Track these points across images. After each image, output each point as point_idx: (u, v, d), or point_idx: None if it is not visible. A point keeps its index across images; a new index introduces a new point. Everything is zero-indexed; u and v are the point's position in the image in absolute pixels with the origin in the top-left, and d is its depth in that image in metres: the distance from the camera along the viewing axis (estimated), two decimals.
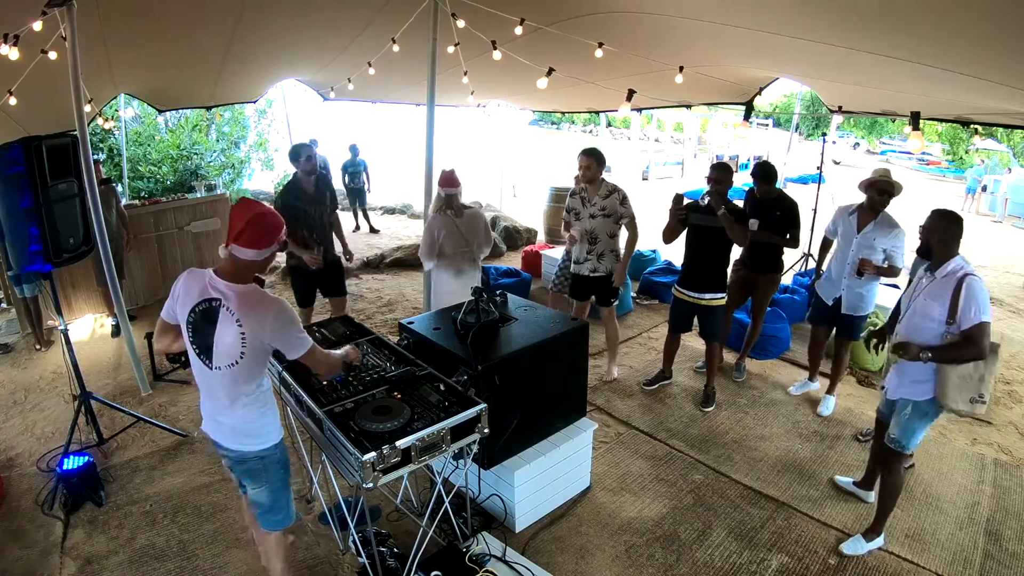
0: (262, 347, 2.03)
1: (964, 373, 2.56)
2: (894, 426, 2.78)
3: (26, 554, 2.84)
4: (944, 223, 2.62)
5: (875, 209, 3.72)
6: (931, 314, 2.60)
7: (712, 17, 3.59)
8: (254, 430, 2.15)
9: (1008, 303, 7.10)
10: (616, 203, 4.08)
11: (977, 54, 2.85)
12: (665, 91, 5.29)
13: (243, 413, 2.12)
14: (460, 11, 4.18)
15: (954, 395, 2.58)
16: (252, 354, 2.02)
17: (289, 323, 2.03)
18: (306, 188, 4.23)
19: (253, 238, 1.97)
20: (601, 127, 18.49)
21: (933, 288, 2.63)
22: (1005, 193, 13.74)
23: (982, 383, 2.56)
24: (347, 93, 7.59)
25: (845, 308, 3.88)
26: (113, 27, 4.28)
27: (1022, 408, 4.38)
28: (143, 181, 10.18)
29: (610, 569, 2.78)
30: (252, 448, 2.16)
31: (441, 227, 3.99)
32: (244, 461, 2.20)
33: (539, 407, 2.96)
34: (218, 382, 2.07)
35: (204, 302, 2.01)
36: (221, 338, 2.00)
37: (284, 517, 2.31)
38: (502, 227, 8.85)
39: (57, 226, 3.21)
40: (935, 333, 2.59)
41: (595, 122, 25.46)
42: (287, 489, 2.31)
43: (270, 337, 2.01)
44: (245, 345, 1.99)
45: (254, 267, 2.05)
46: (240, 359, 2.02)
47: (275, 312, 2.00)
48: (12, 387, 4.53)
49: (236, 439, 2.16)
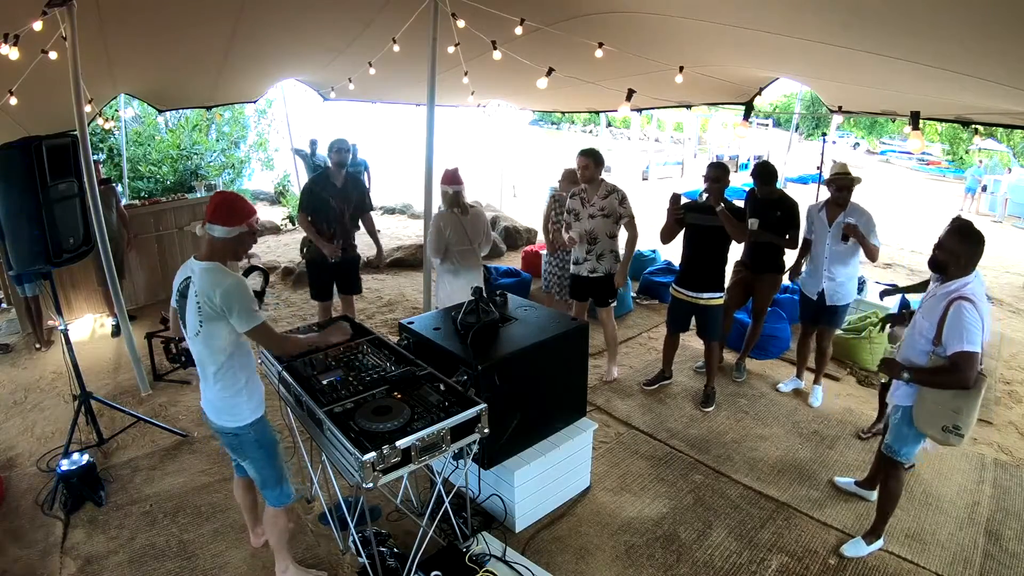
0: (216, 316, 2.17)
1: (938, 399, 2.47)
2: (888, 432, 2.79)
3: (26, 554, 2.84)
4: (954, 240, 2.49)
5: (839, 204, 3.86)
6: (922, 331, 2.55)
7: (712, 17, 3.59)
8: (227, 408, 2.31)
9: (1008, 303, 7.10)
10: (615, 203, 4.08)
11: (977, 54, 2.85)
12: (665, 91, 5.29)
13: (217, 388, 2.29)
14: (460, 11, 4.18)
15: (926, 419, 2.53)
16: (209, 322, 2.18)
17: (240, 295, 2.17)
18: (335, 181, 4.34)
19: (224, 215, 2.19)
20: (601, 127, 18.50)
21: (929, 304, 2.56)
22: (1005, 193, 13.73)
23: (958, 415, 2.44)
24: (347, 93, 7.59)
25: (829, 299, 3.97)
26: (113, 27, 4.28)
27: (1022, 408, 4.38)
28: (143, 181, 10.18)
29: (610, 569, 2.78)
30: (226, 424, 2.34)
31: (448, 224, 4.04)
32: (223, 434, 2.40)
33: (539, 407, 2.96)
34: (195, 354, 2.30)
35: (183, 282, 2.27)
36: (189, 310, 2.23)
37: (279, 494, 2.46)
38: (502, 227, 8.85)
39: (57, 226, 3.21)
40: (922, 351, 2.55)
41: (595, 122, 25.46)
42: (272, 469, 2.43)
43: (220, 304, 2.14)
44: (201, 312, 2.18)
45: (227, 246, 2.23)
46: (200, 326, 2.20)
47: (228, 283, 2.16)
48: (12, 387, 4.53)
49: (214, 412, 2.35)
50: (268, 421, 2.43)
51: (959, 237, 2.50)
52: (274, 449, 2.43)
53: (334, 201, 4.31)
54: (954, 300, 2.41)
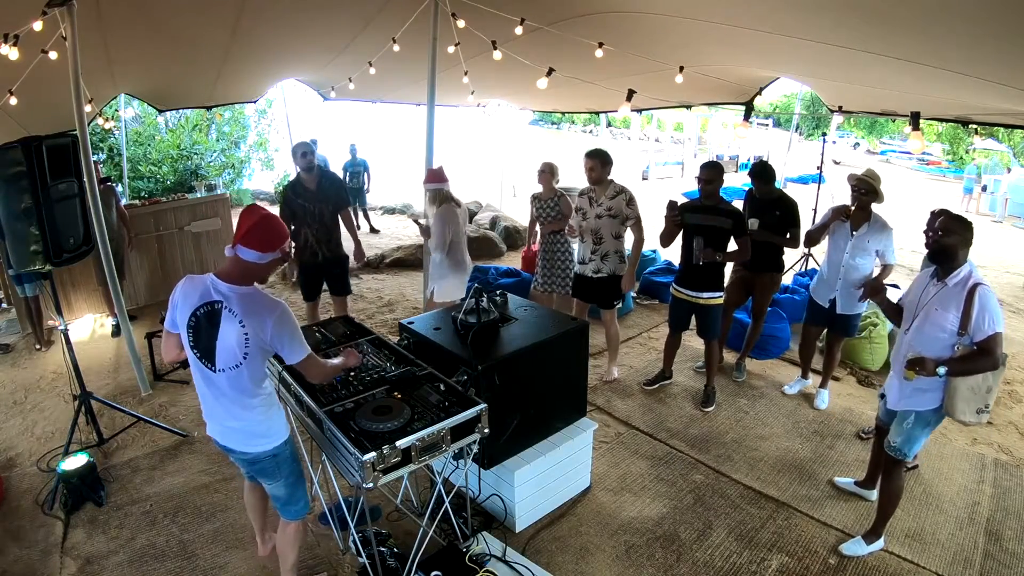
0: (263, 348, 2.04)
1: (974, 384, 2.51)
2: (895, 434, 2.74)
3: (26, 554, 2.84)
4: (956, 224, 2.51)
5: (864, 208, 3.73)
6: (943, 324, 2.52)
7: (712, 17, 3.59)
8: (264, 431, 2.17)
9: (1008, 303, 7.11)
10: (623, 204, 4.08)
11: (976, 53, 2.85)
12: (665, 91, 5.28)
13: (251, 415, 2.13)
14: (460, 11, 4.18)
15: (963, 407, 2.54)
16: (254, 355, 2.04)
17: (291, 326, 2.04)
18: (307, 185, 4.31)
19: (258, 240, 1.99)
20: (601, 127, 18.46)
21: (944, 296, 2.54)
22: (1005, 193, 13.72)
23: (989, 394, 2.53)
24: (347, 93, 7.58)
25: (841, 308, 3.89)
26: (113, 27, 4.28)
27: (1022, 408, 4.37)
28: (143, 181, 10.19)
29: (610, 569, 2.78)
30: (264, 448, 2.19)
31: (451, 218, 4.17)
32: (257, 462, 2.22)
33: (539, 407, 2.96)
34: (224, 385, 2.07)
35: (206, 305, 2.01)
36: (224, 340, 2.01)
37: (304, 506, 2.37)
38: (502, 227, 8.85)
39: (57, 226, 3.21)
40: (946, 344, 2.53)
41: (595, 122, 25.44)
42: (302, 480, 2.36)
43: (271, 338, 2.01)
44: (248, 345, 2.00)
45: (256, 271, 2.05)
46: (243, 360, 2.03)
47: (278, 314, 2.01)
48: (12, 387, 4.53)
49: (247, 441, 2.18)
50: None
51: (958, 221, 2.53)
52: (299, 462, 2.36)
53: (310, 205, 4.28)
54: (975, 287, 2.45)
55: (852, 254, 3.76)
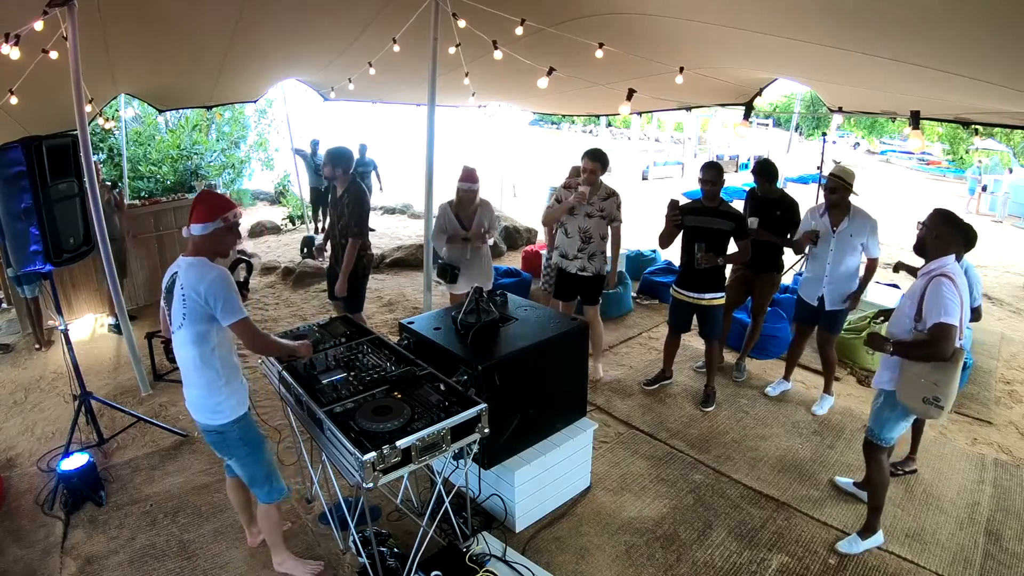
0: (201, 308, 2.19)
1: (919, 372, 2.58)
2: (870, 418, 2.85)
3: (26, 554, 2.84)
4: (936, 222, 2.66)
5: (839, 205, 3.79)
6: (905, 310, 2.67)
7: (712, 19, 3.59)
8: (213, 405, 2.32)
9: (1008, 303, 7.10)
10: (613, 207, 4.13)
11: (976, 55, 2.85)
12: (665, 93, 5.28)
13: (200, 382, 2.29)
14: (461, 11, 4.18)
15: (908, 392, 2.62)
16: (193, 313, 2.20)
17: (225, 288, 2.19)
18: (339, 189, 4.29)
19: (198, 213, 2.26)
20: (601, 127, 18.52)
21: (914, 285, 2.70)
22: (1005, 193, 13.73)
23: (937, 387, 2.54)
24: (348, 93, 7.58)
25: (829, 305, 3.92)
26: (114, 27, 4.28)
27: (1022, 408, 4.37)
28: (143, 181, 10.19)
29: (610, 569, 2.78)
30: (210, 422, 2.34)
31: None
32: (207, 432, 2.40)
33: (539, 407, 2.96)
34: (177, 349, 2.30)
35: (171, 278, 2.33)
36: (174, 303, 2.26)
37: (269, 491, 2.49)
38: (502, 227, 8.85)
39: (57, 226, 3.21)
40: (906, 329, 2.65)
41: (595, 122, 25.47)
42: (259, 466, 2.46)
43: (204, 297, 2.17)
44: (186, 305, 2.20)
45: (205, 243, 2.26)
46: (184, 320, 2.22)
47: (213, 276, 2.19)
48: (12, 387, 4.53)
49: (197, 411, 2.36)
50: (252, 419, 2.44)
51: (941, 218, 2.68)
52: (259, 446, 2.45)
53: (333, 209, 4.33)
54: (933, 278, 2.56)
55: (837, 249, 3.82)
